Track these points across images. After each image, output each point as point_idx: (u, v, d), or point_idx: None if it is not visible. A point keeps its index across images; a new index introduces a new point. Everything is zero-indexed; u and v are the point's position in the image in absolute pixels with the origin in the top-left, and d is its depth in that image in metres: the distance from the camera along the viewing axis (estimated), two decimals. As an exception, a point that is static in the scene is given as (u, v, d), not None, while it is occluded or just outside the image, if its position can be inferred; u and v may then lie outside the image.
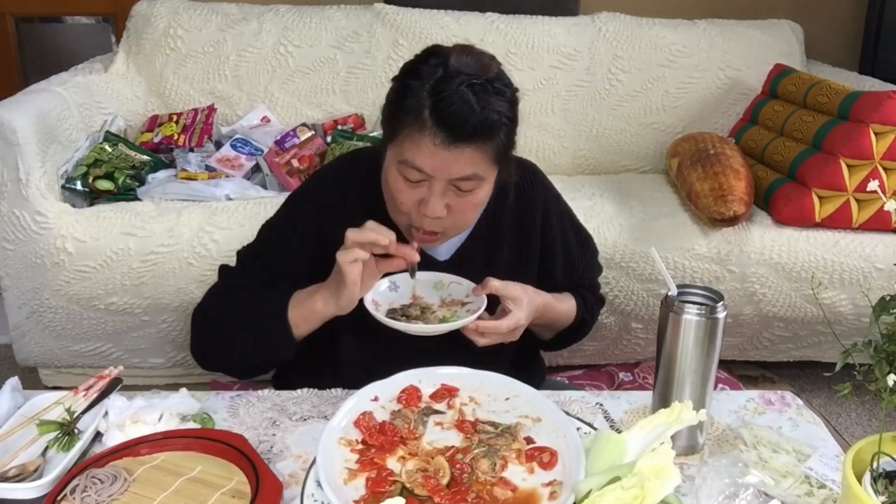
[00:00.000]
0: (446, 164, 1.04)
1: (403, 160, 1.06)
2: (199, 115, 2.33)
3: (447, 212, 1.08)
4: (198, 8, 2.44)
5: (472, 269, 1.21)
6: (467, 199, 1.09)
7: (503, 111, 1.05)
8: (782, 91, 2.30)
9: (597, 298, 1.42)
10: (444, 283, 1.19)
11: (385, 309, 1.13)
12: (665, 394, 0.98)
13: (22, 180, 1.78)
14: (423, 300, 1.17)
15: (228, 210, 1.89)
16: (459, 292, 1.18)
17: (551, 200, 1.31)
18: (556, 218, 1.30)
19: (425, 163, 1.04)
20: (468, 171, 1.05)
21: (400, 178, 1.08)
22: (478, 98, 1.01)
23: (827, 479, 0.91)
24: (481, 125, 1.02)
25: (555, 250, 1.30)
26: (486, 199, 1.14)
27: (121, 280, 1.85)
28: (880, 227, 1.95)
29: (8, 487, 0.87)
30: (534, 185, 1.28)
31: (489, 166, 1.07)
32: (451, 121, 1.01)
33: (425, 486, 0.85)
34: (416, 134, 1.03)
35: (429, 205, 1.07)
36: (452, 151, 1.03)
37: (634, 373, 2.11)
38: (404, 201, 1.09)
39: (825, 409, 2.12)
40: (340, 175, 1.26)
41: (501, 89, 1.05)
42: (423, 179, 1.06)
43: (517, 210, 1.26)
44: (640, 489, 0.77)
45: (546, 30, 2.46)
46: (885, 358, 0.76)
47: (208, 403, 1.08)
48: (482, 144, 1.04)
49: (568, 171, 2.48)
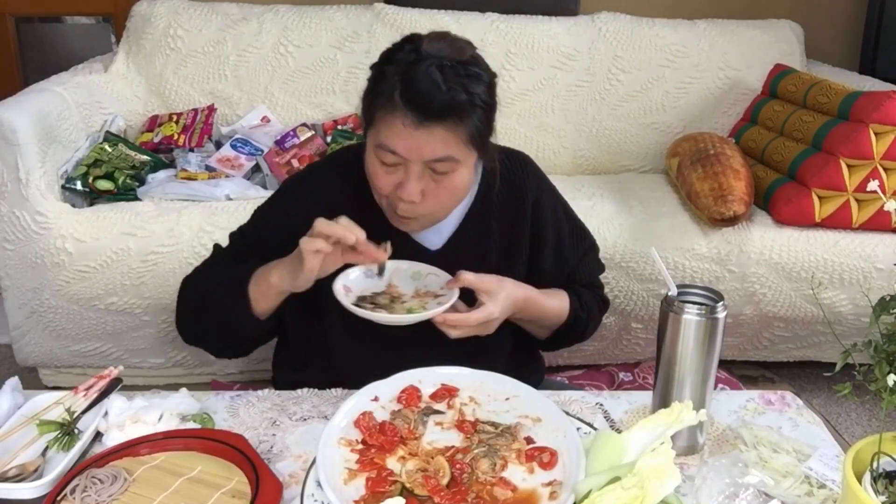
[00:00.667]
0: (418, 144, 1.05)
1: (379, 144, 1.08)
2: (199, 115, 2.33)
3: (425, 196, 1.10)
4: (198, 8, 2.44)
5: (463, 258, 1.22)
6: (444, 183, 1.10)
7: (478, 93, 1.07)
8: (782, 91, 2.30)
9: (599, 299, 1.39)
10: (422, 273, 1.18)
11: (356, 295, 1.12)
12: (665, 394, 0.98)
13: (22, 180, 1.78)
14: (397, 289, 1.16)
15: (228, 210, 1.89)
16: (435, 284, 1.17)
17: (544, 190, 1.30)
18: (548, 209, 1.29)
19: (398, 144, 1.06)
20: (441, 153, 1.06)
21: (377, 162, 1.10)
22: (445, 77, 1.04)
23: (827, 479, 0.91)
24: (448, 104, 1.04)
25: (545, 241, 1.28)
26: (467, 184, 1.14)
27: (121, 280, 1.85)
28: (880, 227, 1.95)
29: (8, 487, 0.87)
30: (525, 175, 1.28)
31: (464, 149, 1.08)
32: (418, 100, 1.03)
33: (425, 486, 0.85)
34: (388, 116, 1.06)
35: (405, 188, 1.08)
36: (422, 131, 1.04)
37: (634, 373, 2.11)
38: (382, 186, 1.11)
39: (825, 409, 2.12)
40: (332, 168, 1.28)
41: (476, 73, 1.08)
42: (399, 163, 1.08)
43: (507, 200, 1.25)
44: (640, 489, 0.77)
45: (546, 30, 2.46)
46: (885, 358, 0.76)
47: (208, 403, 1.08)
48: (453, 125, 1.05)
49: (568, 171, 2.48)
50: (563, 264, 1.31)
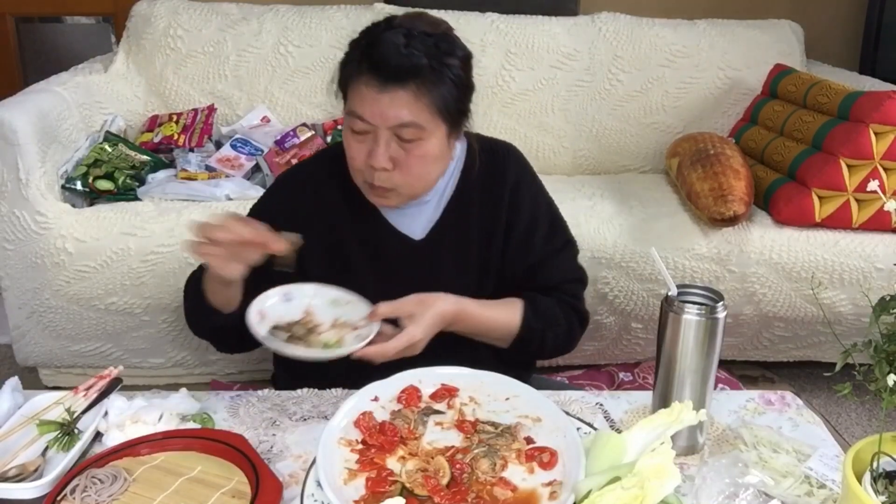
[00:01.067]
0: (381, 109, 1.08)
1: (349, 111, 1.12)
2: (199, 115, 2.33)
3: (396, 166, 1.11)
4: (198, 8, 2.44)
5: (446, 247, 1.23)
6: (413, 151, 1.11)
7: (448, 65, 1.10)
8: (782, 91, 2.30)
9: (571, 308, 1.29)
10: (341, 301, 1.14)
11: (271, 323, 1.07)
12: (665, 394, 0.98)
13: (22, 180, 1.78)
14: (314, 318, 1.11)
15: (228, 210, 1.89)
16: (354, 314, 1.12)
17: (524, 177, 1.29)
18: (526, 195, 1.27)
19: (364, 109, 1.09)
20: (405, 118, 1.08)
21: (349, 132, 1.13)
22: (408, 42, 1.07)
23: (827, 479, 0.91)
24: (406, 66, 1.06)
25: (517, 226, 1.26)
26: (438, 155, 1.14)
27: (121, 280, 1.85)
28: (880, 227, 1.95)
29: (8, 487, 0.88)
30: (506, 163, 1.28)
31: (430, 117, 1.10)
32: (378, 62, 1.07)
33: (425, 486, 0.85)
34: (355, 83, 1.10)
35: (374, 155, 1.10)
36: (386, 95, 1.07)
37: (634, 373, 2.11)
38: (354, 156, 1.13)
39: (825, 409, 2.12)
40: (320, 163, 1.30)
41: (447, 47, 1.11)
42: (367, 130, 1.10)
43: (486, 187, 1.26)
44: (640, 489, 0.77)
45: (546, 30, 2.46)
46: (885, 358, 0.76)
47: (208, 403, 1.08)
48: (415, 89, 1.08)
49: (568, 171, 2.48)
50: (528, 254, 1.27)
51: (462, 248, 1.24)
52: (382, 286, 1.23)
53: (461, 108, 1.15)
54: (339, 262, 1.25)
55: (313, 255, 1.23)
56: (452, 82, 1.11)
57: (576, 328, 1.31)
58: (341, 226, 1.25)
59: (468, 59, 1.16)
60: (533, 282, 1.28)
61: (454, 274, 1.25)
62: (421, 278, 1.23)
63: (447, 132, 1.14)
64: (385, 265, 1.25)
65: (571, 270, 1.33)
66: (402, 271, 1.25)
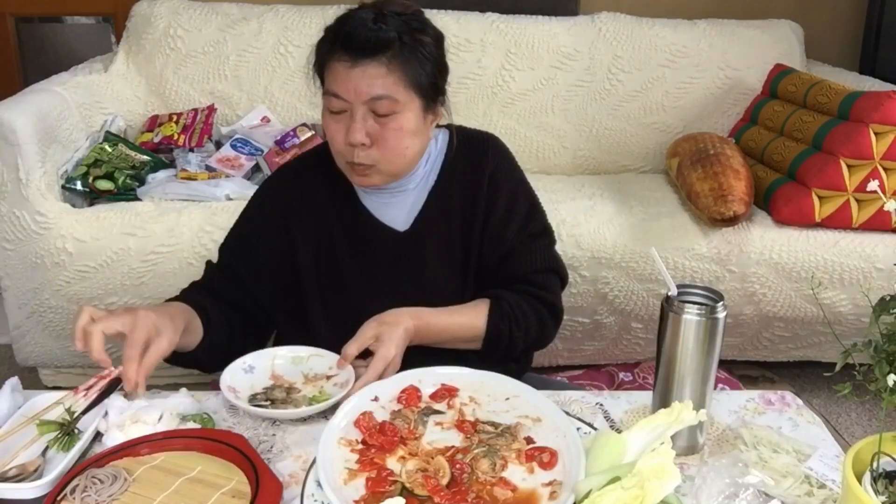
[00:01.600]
0: (355, 84, 1.10)
1: (325, 91, 1.15)
2: (199, 115, 2.33)
3: (374, 141, 1.13)
4: (198, 8, 2.44)
5: (430, 237, 1.24)
6: (389, 125, 1.13)
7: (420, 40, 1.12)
8: (782, 91, 2.30)
9: (542, 303, 1.24)
10: (302, 357, 1.13)
11: (246, 395, 1.05)
12: (665, 394, 0.98)
13: (22, 180, 1.78)
14: (285, 380, 1.10)
15: (228, 210, 1.89)
16: (322, 366, 1.11)
17: (503, 166, 1.28)
18: (504, 183, 1.26)
19: (339, 86, 1.12)
20: (379, 90, 1.10)
21: (327, 113, 1.16)
22: (375, 18, 1.10)
23: (827, 479, 0.91)
24: (375, 39, 1.09)
25: (494, 213, 1.24)
26: (413, 129, 1.15)
27: (121, 280, 1.85)
28: (880, 227, 1.95)
29: (8, 487, 0.87)
30: (486, 152, 1.28)
31: (403, 91, 1.12)
32: (349, 38, 1.10)
33: (425, 486, 0.85)
34: (330, 62, 1.13)
35: (350, 131, 1.12)
36: (357, 70, 1.10)
37: (634, 373, 2.11)
38: (334, 136, 1.16)
39: (825, 409, 2.12)
40: (303, 162, 1.33)
41: (418, 25, 1.14)
42: (344, 108, 1.13)
43: (466, 175, 1.26)
44: (640, 489, 0.77)
45: (546, 30, 2.46)
46: (885, 358, 0.76)
47: (208, 403, 1.08)
48: (386, 62, 1.10)
49: (568, 171, 2.48)
50: (503, 241, 1.24)
51: (445, 239, 1.25)
52: (369, 280, 1.24)
53: (435, 84, 1.17)
54: (328, 257, 1.25)
55: (304, 252, 1.24)
56: (425, 58, 1.14)
57: (547, 323, 1.26)
58: (328, 220, 1.26)
59: (440, 38, 1.18)
60: (504, 271, 1.24)
61: (439, 265, 1.25)
62: (406, 271, 1.24)
63: (422, 107, 1.16)
64: (370, 258, 1.25)
65: (545, 260, 1.27)
66: (388, 264, 1.25)
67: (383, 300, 1.16)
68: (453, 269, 1.26)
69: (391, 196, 1.24)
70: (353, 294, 1.25)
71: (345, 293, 1.25)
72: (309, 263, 1.25)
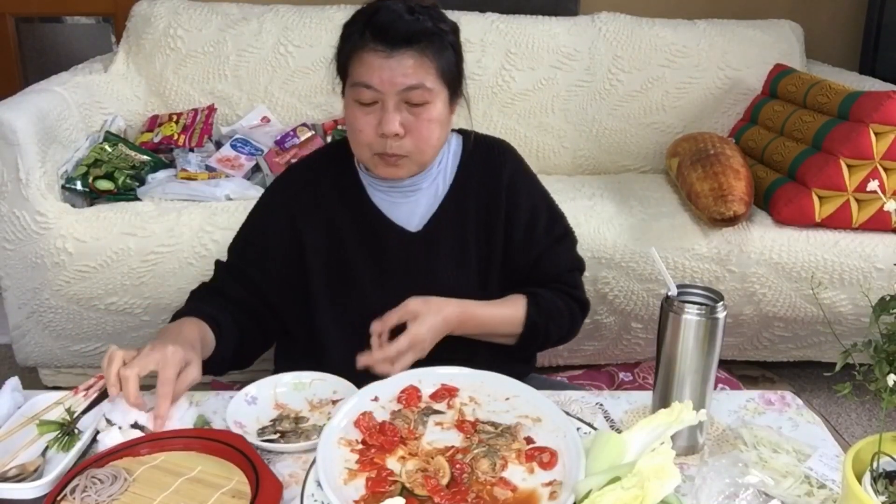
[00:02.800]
0: (390, 73, 1.10)
1: (354, 83, 1.13)
2: (199, 115, 2.33)
3: (406, 131, 1.13)
4: (198, 8, 2.44)
5: (443, 238, 1.24)
6: (422, 115, 1.13)
7: (445, 30, 1.14)
8: (782, 91, 2.30)
9: (571, 298, 1.31)
10: (304, 382, 1.10)
11: (254, 429, 1.01)
12: (665, 394, 0.98)
13: (22, 180, 1.78)
14: (290, 409, 1.06)
15: (228, 210, 1.89)
16: (325, 390, 1.09)
17: (520, 174, 1.30)
18: (523, 191, 1.29)
19: (372, 77, 1.10)
20: (413, 80, 1.11)
21: (355, 105, 1.14)
22: (408, 10, 1.12)
23: (827, 479, 0.91)
24: (414, 29, 1.10)
25: (517, 222, 1.27)
26: (443, 120, 1.17)
27: (121, 280, 1.85)
28: (880, 227, 1.95)
29: (8, 487, 0.87)
30: (503, 159, 1.30)
31: (435, 80, 1.13)
32: (384, 28, 1.10)
33: (425, 486, 0.85)
34: (360, 53, 1.12)
35: (385, 121, 1.11)
36: (393, 60, 1.10)
37: (634, 373, 2.11)
38: (362, 129, 1.14)
39: (825, 409, 2.12)
40: (317, 161, 1.32)
41: (440, 14, 1.16)
42: (375, 99, 1.12)
43: (483, 180, 1.27)
44: (640, 489, 0.77)
45: (546, 30, 2.46)
46: (885, 358, 0.76)
47: (208, 404, 1.08)
48: (420, 52, 1.11)
49: (568, 171, 2.48)
50: (532, 247, 1.28)
51: (459, 242, 1.25)
52: (380, 280, 1.24)
53: (459, 72, 1.18)
54: (337, 256, 1.25)
55: (313, 251, 1.24)
56: (451, 47, 1.15)
57: (577, 317, 1.33)
58: (338, 220, 1.25)
59: (457, 28, 1.20)
60: (535, 274, 1.29)
61: (453, 267, 1.25)
62: (418, 272, 1.24)
63: (448, 97, 1.17)
64: (381, 258, 1.25)
65: (571, 261, 1.35)
66: (399, 264, 1.25)
67: (393, 300, 1.16)
68: (466, 272, 1.26)
69: (402, 196, 1.24)
70: (362, 293, 1.24)
71: (353, 292, 1.25)
72: (318, 262, 1.24)
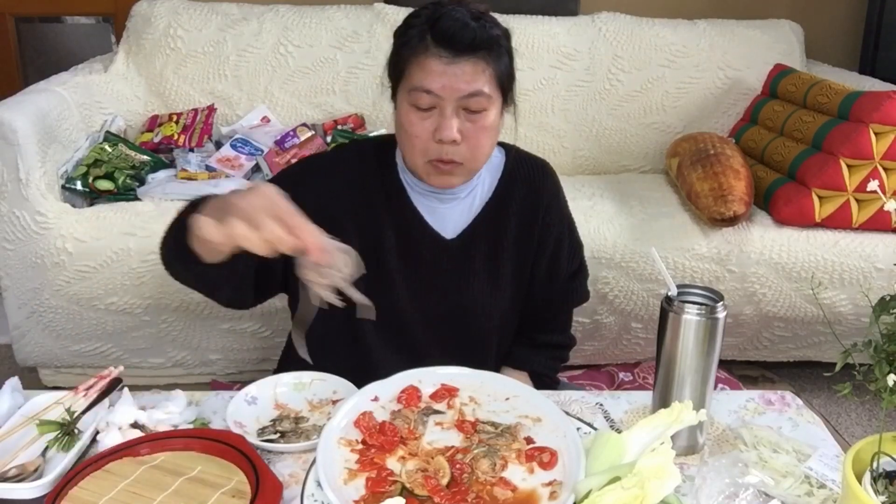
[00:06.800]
0: (452, 79, 1.08)
1: (413, 87, 1.10)
2: (199, 115, 2.33)
3: (463, 138, 1.12)
4: (198, 8, 2.44)
5: (477, 250, 1.23)
6: (479, 122, 1.12)
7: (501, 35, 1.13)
8: (782, 91, 2.30)
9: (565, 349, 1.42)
10: (304, 382, 1.09)
11: (254, 429, 1.01)
12: (665, 394, 0.98)
13: (22, 180, 1.78)
14: (289, 408, 1.06)
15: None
16: (325, 390, 1.08)
17: (556, 199, 1.31)
18: (556, 217, 1.30)
19: (433, 82, 1.09)
20: (474, 87, 1.09)
21: (412, 110, 1.12)
22: (472, 17, 1.10)
23: (827, 479, 0.91)
24: (478, 36, 1.09)
25: (546, 247, 1.29)
26: (497, 129, 1.16)
27: (121, 280, 1.85)
28: (880, 227, 1.95)
29: (8, 487, 0.87)
30: (544, 179, 1.30)
31: (493, 87, 1.12)
32: (450, 35, 1.08)
33: (425, 486, 0.84)
34: (420, 58, 1.10)
35: (443, 128, 1.10)
36: (455, 67, 1.08)
37: (634, 373, 2.11)
38: (418, 134, 1.12)
39: (825, 409, 2.12)
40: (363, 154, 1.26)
41: (494, 20, 1.14)
42: (433, 105, 1.10)
43: (525, 197, 1.26)
44: (640, 489, 0.77)
45: (546, 30, 2.46)
46: (885, 358, 0.76)
47: (208, 404, 1.08)
48: (482, 59, 1.09)
49: (568, 171, 2.48)
50: (554, 277, 1.32)
51: (494, 254, 1.24)
52: (414, 282, 1.22)
53: (512, 78, 1.17)
54: (373, 257, 1.21)
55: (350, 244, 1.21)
56: (507, 56, 1.14)
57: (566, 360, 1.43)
58: (380, 220, 1.22)
59: (510, 34, 1.18)
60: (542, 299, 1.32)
61: (486, 278, 1.25)
62: (451, 280, 1.23)
63: (501, 104, 1.16)
64: (415, 263, 1.23)
65: (580, 296, 1.39)
66: (433, 270, 1.23)
67: (426, 304, 1.17)
68: (502, 287, 1.26)
69: (441, 202, 1.23)
70: (397, 295, 1.23)
71: (390, 293, 1.22)
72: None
